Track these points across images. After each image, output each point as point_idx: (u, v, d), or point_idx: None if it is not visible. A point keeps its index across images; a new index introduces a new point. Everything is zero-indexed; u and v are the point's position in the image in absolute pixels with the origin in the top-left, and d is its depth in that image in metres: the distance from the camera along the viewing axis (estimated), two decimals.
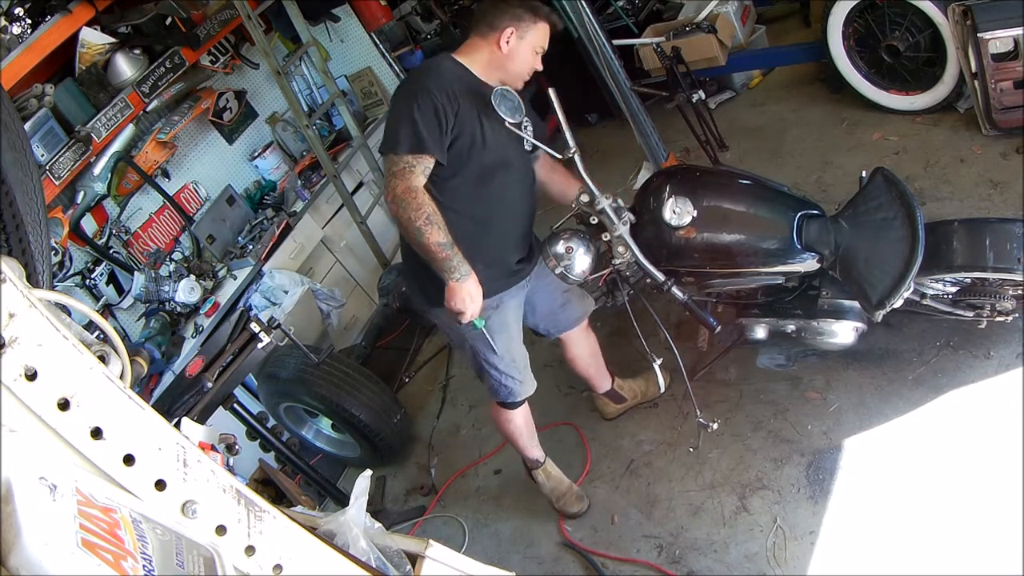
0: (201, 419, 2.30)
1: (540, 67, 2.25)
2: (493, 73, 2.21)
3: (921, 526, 2.17)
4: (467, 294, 2.10)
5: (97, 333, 1.04)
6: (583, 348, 2.81)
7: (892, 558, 2.14)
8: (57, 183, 3.26)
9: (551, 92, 2.18)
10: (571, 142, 2.19)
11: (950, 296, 2.43)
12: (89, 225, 3.68)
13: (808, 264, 2.34)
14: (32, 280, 1.09)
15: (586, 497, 2.78)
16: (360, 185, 4.65)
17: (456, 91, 2.10)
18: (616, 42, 3.72)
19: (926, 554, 2.10)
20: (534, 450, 2.76)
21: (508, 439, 2.73)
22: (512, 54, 2.19)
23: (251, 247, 3.99)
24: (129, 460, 0.82)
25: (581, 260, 2.28)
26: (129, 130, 3.63)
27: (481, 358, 2.40)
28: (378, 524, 1.23)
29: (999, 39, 2.94)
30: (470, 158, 2.14)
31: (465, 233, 2.14)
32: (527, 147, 2.26)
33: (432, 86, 2.08)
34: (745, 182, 2.49)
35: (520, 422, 2.64)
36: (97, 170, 3.52)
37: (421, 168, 2.07)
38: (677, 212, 2.31)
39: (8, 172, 1.11)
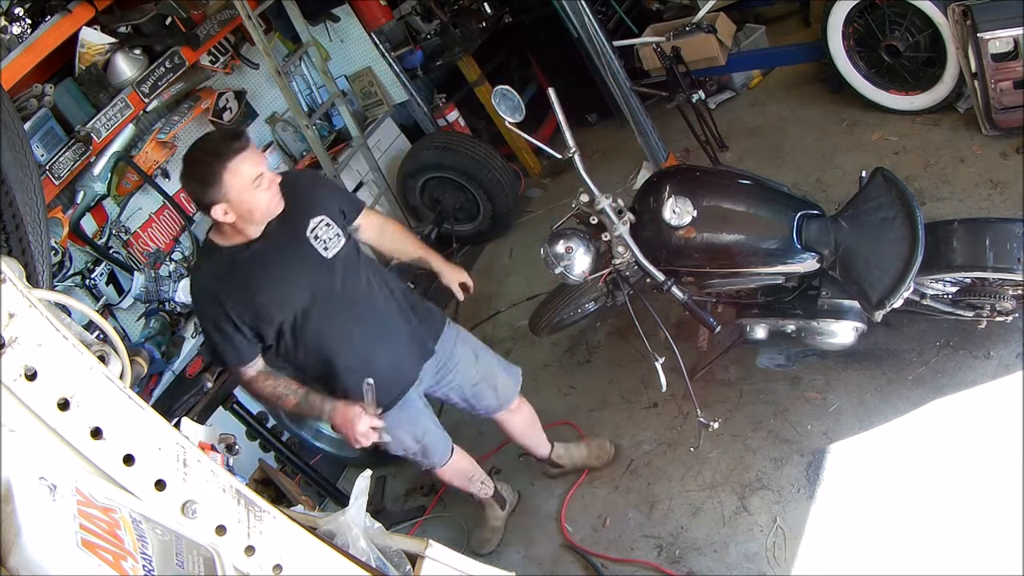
0: (201, 419, 2.31)
1: (276, 180, 1.97)
2: (249, 228, 1.99)
3: (921, 526, 2.17)
4: (345, 420, 2.08)
5: (97, 333, 1.04)
6: (513, 426, 2.69)
7: (891, 558, 2.14)
8: (57, 183, 3.25)
9: (550, 92, 2.19)
10: (570, 142, 2.19)
11: (950, 296, 2.43)
12: (89, 225, 3.68)
13: (808, 264, 2.34)
14: (32, 280, 1.09)
15: (495, 540, 2.82)
16: (360, 185, 4.64)
17: (219, 291, 2.01)
18: (616, 42, 3.72)
19: (925, 554, 2.10)
20: (469, 489, 2.73)
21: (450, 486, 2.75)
22: (240, 213, 1.93)
23: None
24: (129, 460, 0.82)
25: (581, 260, 2.29)
26: (129, 130, 3.63)
27: (400, 450, 2.39)
28: (378, 524, 1.23)
29: (999, 39, 2.93)
30: (268, 328, 2.06)
31: (335, 374, 2.17)
32: (328, 254, 2.09)
33: (203, 308, 2.06)
34: (745, 182, 2.49)
35: (449, 476, 2.61)
36: (97, 170, 3.52)
37: (240, 365, 2.08)
38: (677, 212, 2.31)
39: (8, 172, 1.11)
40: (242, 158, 1.88)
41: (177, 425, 1.02)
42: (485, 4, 4.74)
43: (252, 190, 1.90)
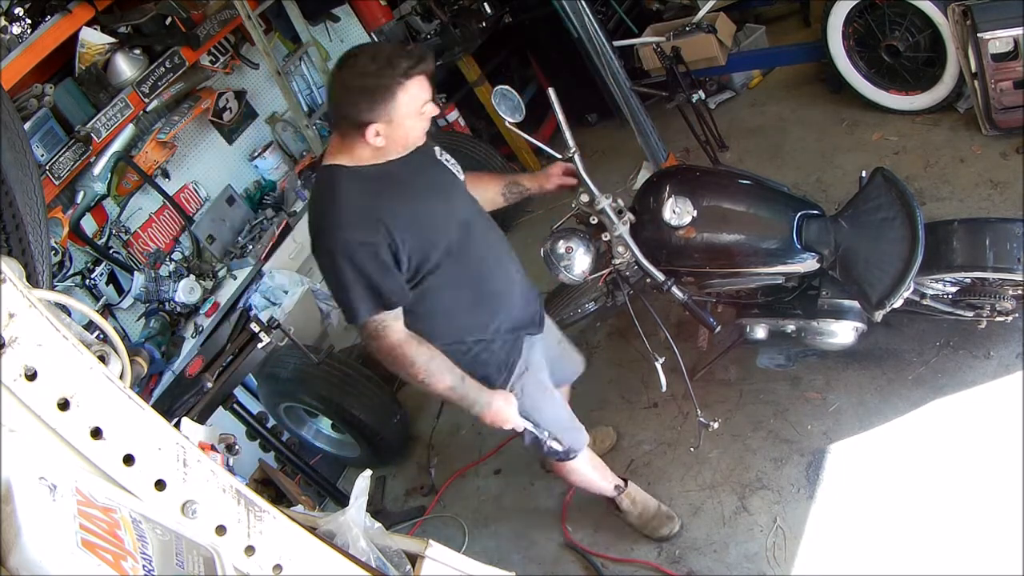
0: (201, 419, 2.31)
1: (435, 112, 1.78)
2: (390, 154, 1.79)
3: (920, 526, 2.17)
4: (497, 413, 1.91)
5: (97, 333, 1.04)
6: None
7: (891, 558, 2.14)
8: (57, 183, 3.25)
9: (550, 92, 2.18)
10: (570, 142, 2.18)
11: (950, 296, 2.43)
12: (89, 225, 3.68)
13: (808, 264, 2.34)
14: (32, 280, 1.09)
15: (676, 514, 2.52)
16: None
17: (377, 207, 1.73)
18: (616, 42, 3.72)
19: (925, 554, 2.10)
20: (610, 483, 2.50)
21: (580, 488, 2.52)
22: (394, 138, 1.73)
23: (251, 247, 3.98)
24: (129, 460, 0.82)
25: (581, 260, 2.28)
26: (129, 130, 3.63)
27: (531, 432, 2.11)
28: (378, 524, 1.23)
29: (999, 39, 2.93)
30: (435, 247, 1.82)
31: (468, 321, 1.95)
32: (460, 176, 2.02)
33: (354, 232, 1.70)
34: (745, 182, 2.49)
35: (586, 469, 2.37)
36: (97, 170, 3.52)
37: (392, 318, 1.77)
38: (677, 212, 2.31)
39: (8, 172, 1.11)
40: (421, 80, 1.68)
41: (177, 425, 1.02)
42: (485, 4, 4.73)
43: (417, 117, 1.72)
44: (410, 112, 1.70)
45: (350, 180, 1.77)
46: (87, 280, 3.59)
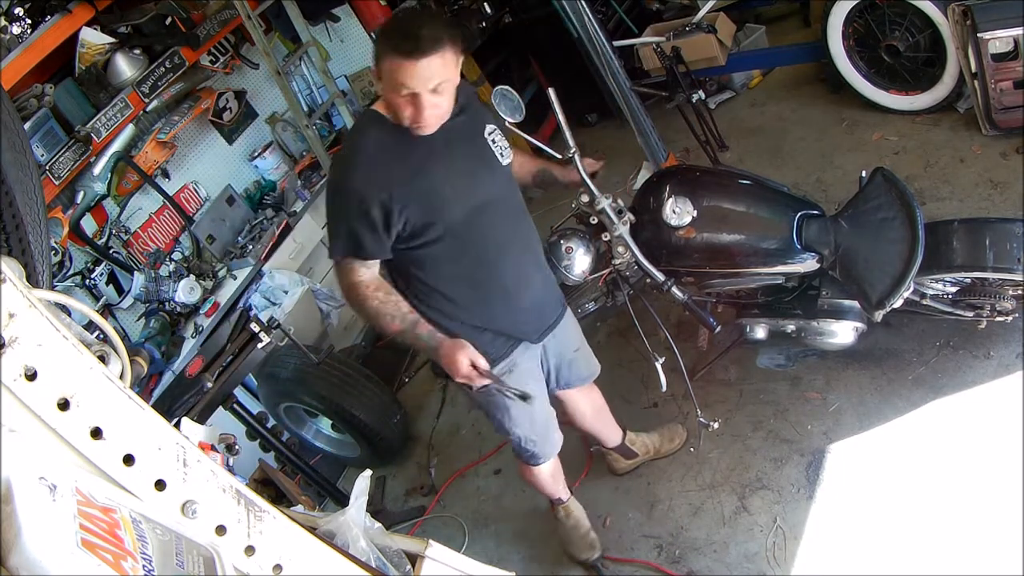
0: (201, 419, 2.31)
1: (435, 110, 1.74)
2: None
3: (921, 526, 2.17)
4: (455, 359, 1.83)
5: (97, 333, 1.04)
6: (585, 406, 2.54)
7: (891, 558, 2.14)
8: (57, 183, 3.25)
9: (550, 92, 2.19)
10: (570, 142, 2.19)
11: (950, 296, 2.43)
12: (89, 225, 3.68)
13: (808, 264, 2.34)
14: (32, 280, 1.09)
15: (599, 546, 2.57)
16: None
17: (381, 167, 1.76)
18: (616, 42, 3.72)
19: (925, 554, 2.10)
20: (559, 493, 2.55)
21: (530, 486, 2.55)
22: (387, 100, 1.77)
23: (251, 247, 3.98)
24: (129, 460, 0.82)
25: (581, 260, 2.29)
26: (129, 130, 3.63)
27: (498, 422, 2.17)
28: (378, 524, 1.23)
29: (999, 39, 2.93)
30: (437, 222, 1.82)
31: (463, 301, 1.95)
32: (504, 161, 1.98)
33: (356, 179, 1.76)
34: (745, 182, 2.50)
35: (544, 476, 2.41)
36: (97, 170, 3.52)
37: (360, 264, 1.83)
38: (677, 212, 2.31)
39: (8, 172, 1.11)
40: (409, 66, 1.64)
41: (177, 425, 1.02)
42: (485, 4, 4.73)
43: (397, 96, 1.70)
44: (389, 85, 1.71)
45: (377, 128, 1.81)
46: (87, 280, 3.59)
